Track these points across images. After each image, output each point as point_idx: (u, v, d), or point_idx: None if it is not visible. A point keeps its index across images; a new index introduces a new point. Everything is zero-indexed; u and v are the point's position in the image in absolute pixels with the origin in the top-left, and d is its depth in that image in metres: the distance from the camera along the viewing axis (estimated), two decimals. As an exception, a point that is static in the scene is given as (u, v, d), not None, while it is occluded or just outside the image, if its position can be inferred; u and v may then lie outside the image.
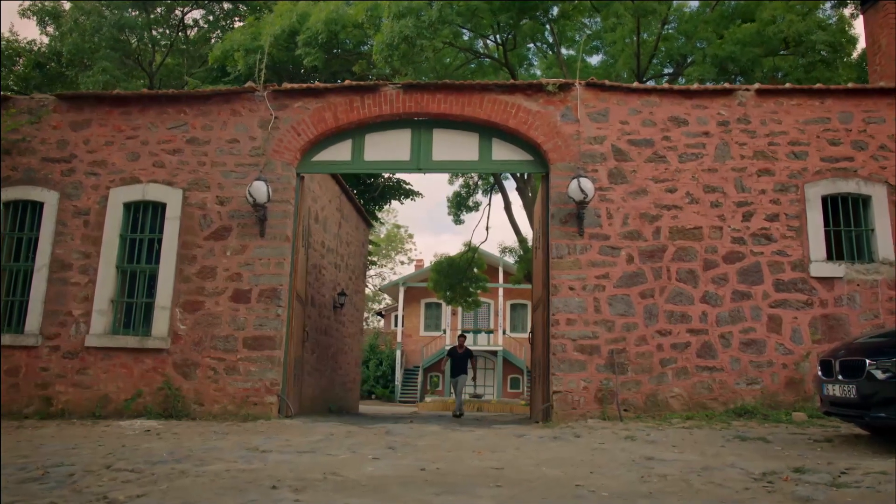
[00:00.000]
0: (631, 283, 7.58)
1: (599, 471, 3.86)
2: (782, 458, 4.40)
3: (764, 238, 7.59)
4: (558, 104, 8.06)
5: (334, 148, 8.43)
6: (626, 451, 4.67)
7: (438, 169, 8.44)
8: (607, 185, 7.81)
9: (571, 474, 3.76)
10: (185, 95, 8.53)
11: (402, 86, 8.27)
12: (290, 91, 8.37)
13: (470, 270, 20.30)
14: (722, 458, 4.32)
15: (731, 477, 3.58)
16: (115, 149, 8.33)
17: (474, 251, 20.30)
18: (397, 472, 3.88)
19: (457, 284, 20.30)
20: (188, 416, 7.51)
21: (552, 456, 4.60)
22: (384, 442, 5.62)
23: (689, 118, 7.94)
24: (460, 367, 13.23)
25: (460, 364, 13.27)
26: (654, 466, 3.90)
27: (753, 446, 4.97)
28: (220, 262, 7.94)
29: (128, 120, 8.39)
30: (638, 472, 3.73)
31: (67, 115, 8.47)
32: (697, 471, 3.76)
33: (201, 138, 8.28)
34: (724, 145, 7.84)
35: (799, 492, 3.21)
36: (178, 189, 8.14)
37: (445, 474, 3.81)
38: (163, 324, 7.82)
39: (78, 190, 8.24)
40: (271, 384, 7.65)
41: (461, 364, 13.27)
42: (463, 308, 22.55)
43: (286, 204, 8.09)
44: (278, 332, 7.78)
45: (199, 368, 7.71)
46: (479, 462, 4.28)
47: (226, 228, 8.03)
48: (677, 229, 7.67)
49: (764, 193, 7.70)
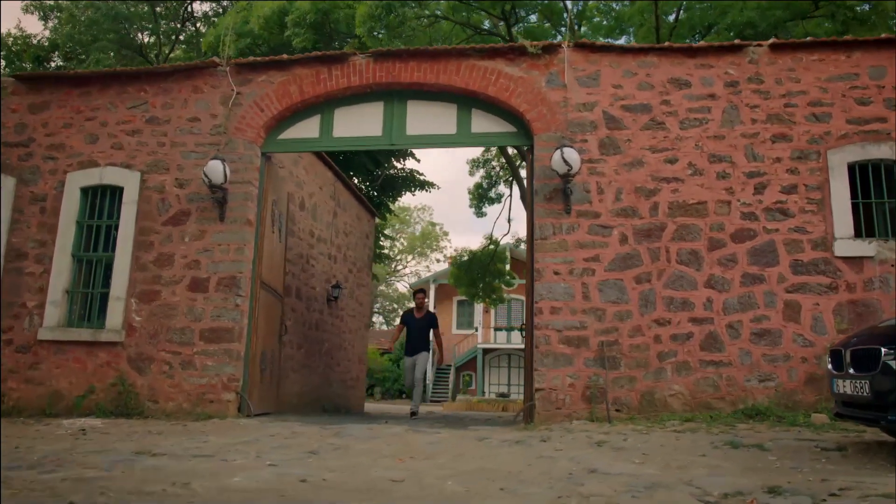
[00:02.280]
0: (624, 266, 6.67)
1: (516, 488, 3.05)
2: (769, 471, 3.49)
3: (779, 213, 6.58)
4: (543, 69, 7.20)
5: (302, 124, 7.77)
6: (575, 460, 3.82)
7: (413, 144, 7.72)
8: (598, 156, 6.92)
9: (476, 491, 2.97)
10: (145, 73, 8.00)
11: (371, 54, 7.55)
12: (254, 64, 7.76)
13: (493, 265, 19.47)
14: (687, 471, 3.44)
15: (674, 500, 2.72)
16: (74, 131, 7.85)
17: (496, 244, 19.46)
18: (268, 484, 3.16)
19: (479, 280, 19.50)
20: (140, 415, 6.94)
21: (485, 466, 3.79)
22: (317, 445, 4.91)
23: (692, 79, 6.97)
24: (419, 341, 9.16)
25: (419, 336, 9.18)
26: (586, 483, 3.06)
27: (742, 456, 4.06)
28: (177, 249, 7.37)
29: (87, 101, 7.91)
30: (559, 491, 2.89)
31: (27, 97, 8.04)
32: (637, 489, 2.91)
33: (161, 117, 7.73)
34: (733, 109, 6.85)
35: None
36: (136, 172, 7.61)
37: (321, 488, 3.07)
38: (117, 316, 7.29)
39: (35, 175, 7.80)
40: (229, 380, 7.03)
41: (420, 336, 9.18)
42: (489, 304, 21.76)
43: (247, 185, 7.46)
44: (237, 323, 7.15)
45: (154, 363, 7.15)
46: (385, 472, 3.51)
47: (184, 213, 7.45)
48: (678, 205, 6.73)
49: (779, 162, 6.68)
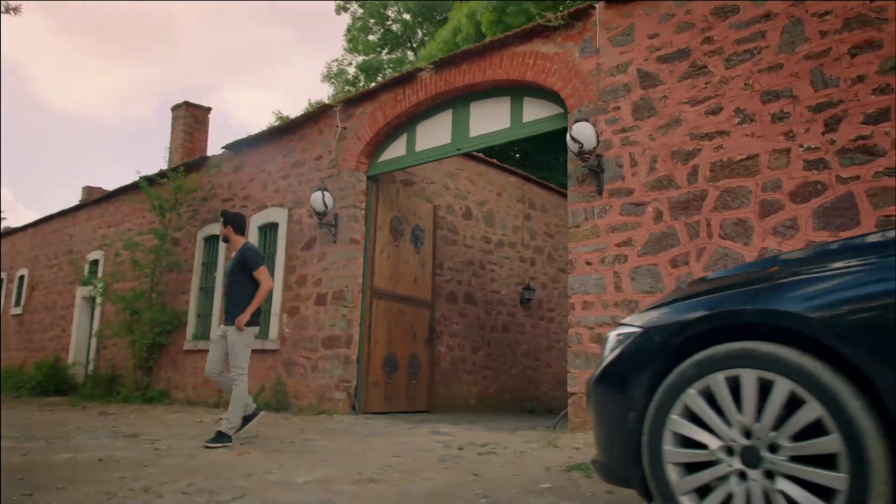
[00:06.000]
0: (659, 247, 5.59)
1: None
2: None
3: (861, 153, 4.71)
4: (577, 38, 6.48)
5: (394, 145, 8.41)
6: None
7: (475, 146, 7.61)
8: (631, 123, 5.94)
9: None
10: (292, 125, 9.64)
11: (433, 65, 7.79)
12: (354, 99, 8.71)
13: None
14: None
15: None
16: (255, 182, 9.91)
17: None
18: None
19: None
20: (287, 409, 8.42)
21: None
22: (337, 444, 5.51)
23: (741, 2, 5.46)
24: (227, 300, 5.37)
25: (227, 289, 5.42)
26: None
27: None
28: (309, 270, 8.72)
29: (261, 157, 9.91)
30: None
31: (233, 162, 10.45)
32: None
33: (300, 160, 9.25)
34: (795, 24, 5.15)
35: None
36: (285, 209, 9.25)
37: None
38: (275, 328, 8.96)
39: (236, 221, 10.07)
40: (340, 381, 8.02)
41: (227, 290, 5.39)
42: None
43: (352, 208, 8.40)
44: (345, 331, 8.11)
45: (296, 367, 8.58)
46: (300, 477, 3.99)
47: (313, 239, 8.77)
48: (721, 164, 5.35)
49: (862, 81, 4.79)
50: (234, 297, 5.30)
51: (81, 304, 12.92)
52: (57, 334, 13.46)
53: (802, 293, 1.83)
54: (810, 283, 1.84)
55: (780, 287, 1.88)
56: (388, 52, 20.22)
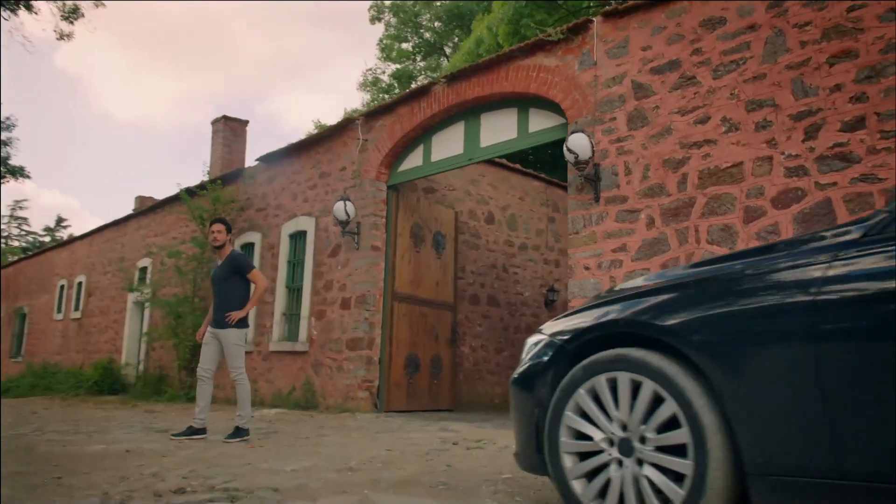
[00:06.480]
0: (651, 253, 5.82)
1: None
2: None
3: (838, 160, 4.86)
4: (576, 51, 6.75)
5: (412, 155, 8.81)
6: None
7: (485, 156, 7.94)
8: (626, 133, 6.18)
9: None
10: (318, 137, 10.14)
11: (446, 79, 8.15)
12: (375, 112, 9.14)
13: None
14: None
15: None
16: (286, 193, 10.47)
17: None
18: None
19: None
20: (315, 408, 8.92)
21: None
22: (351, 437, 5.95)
23: (728, 13, 5.64)
24: (218, 304, 5.62)
25: (217, 294, 5.68)
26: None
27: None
28: (335, 276, 9.20)
29: (292, 168, 10.46)
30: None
31: (266, 173, 11.03)
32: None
33: (326, 171, 9.75)
34: (777, 35, 5.31)
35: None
36: (313, 217, 9.76)
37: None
38: (304, 331, 9.48)
39: (269, 229, 10.66)
40: (363, 381, 8.47)
41: (218, 294, 5.65)
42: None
43: (373, 217, 8.85)
44: (367, 334, 8.56)
45: (323, 368, 9.08)
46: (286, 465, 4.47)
47: (338, 246, 9.25)
48: (709, 172, 5.55)
49: (840, 90, 4.93)
50: (226, 300, 5.55)
51: (132, 308, 13.78)
52: (111, 337, 14.37)
53: (662, 306, 2.13)
54: (669, 297, 2.14)
55: (645, 300, 2.18)
56: (423, 59, 20.72)
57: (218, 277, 5.69)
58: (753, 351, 1.89)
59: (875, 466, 1.67)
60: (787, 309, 1.85)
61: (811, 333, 1.78)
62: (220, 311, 5.57)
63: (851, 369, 1.73)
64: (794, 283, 1.86)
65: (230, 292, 5.59)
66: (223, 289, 5.62)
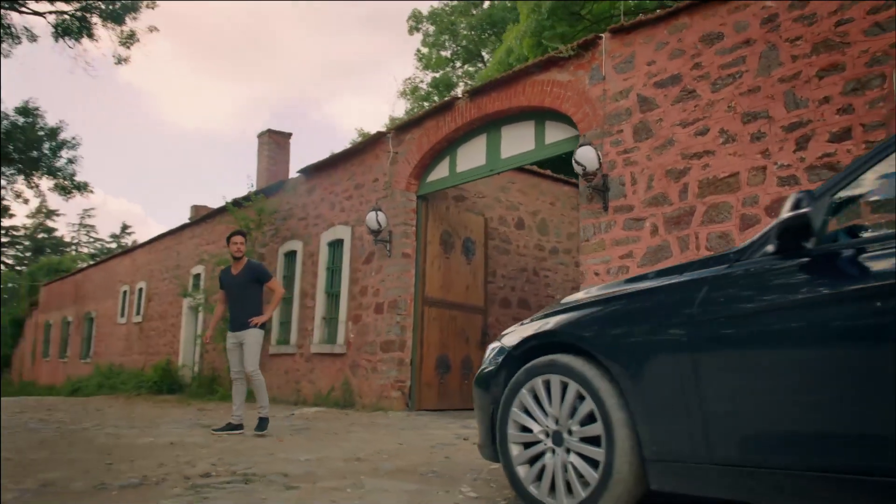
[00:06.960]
0: (655, 259, 6.10)
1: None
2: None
3: (826, 170, 5.07)
4: (587, 66, 7.07)
5: (439, 167, 9.26)
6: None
7: (505, 166, 8.32)
8: (632, 144, 6.47)
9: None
10: (352, 151, 10.70)
11: (468, 94, 8.57)
12: (404, 126, 9.63)
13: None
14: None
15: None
16: (325, 203, 11.07)
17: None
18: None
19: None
20: (352, 407, 9.48)
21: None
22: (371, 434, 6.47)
23: (725, 28, 5.88)
24: (238, 310, 6.23)
25: (237, 300, 6.27)
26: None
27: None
28: (369, 282, 9.73)
29: (331, 180, 11.06)
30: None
31: (306, 185, 11.68)
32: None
33: (360, 182, 10.30)
34: (771, 49, 5.53)
35: None
36: (349, 226, 10.33)
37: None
38: (342, 334, 10.05)
39: (310, 238, 11.29)
40: (395, 381, 8.97)
41: (238, 300, 6.26)
42: None
43: (403, 225, 9.34)
44: (399, 336, 9.06)
45: (359, 369, 9.62)
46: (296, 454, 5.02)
47: (371, 253, 9.78)
48: (708, 182, 5.81)
49: (828, 102, 5.13)
50: (246, 306, 6.23)
51: (187, 312, 14.69)
52: (169, 340, 15.34)
53: (585, 318, 2.51)
54: (593, 310, 2.52)
55: (576, 313, 2.57)
56: (461, 66, 21.20)
57: (238, 284, 6.30)
58: (647, 358, 2.26)
59: (736, 453, 2.02)
60: (673, 322, 2.21)
61: (689, 344, 2.14)
62: (242, 316, 6.19)
63: (719, 375, 2.08)
64: (679, 301, 2.22)
65: (251, 298, 6.26)
66: (244, 295, 6.25)
